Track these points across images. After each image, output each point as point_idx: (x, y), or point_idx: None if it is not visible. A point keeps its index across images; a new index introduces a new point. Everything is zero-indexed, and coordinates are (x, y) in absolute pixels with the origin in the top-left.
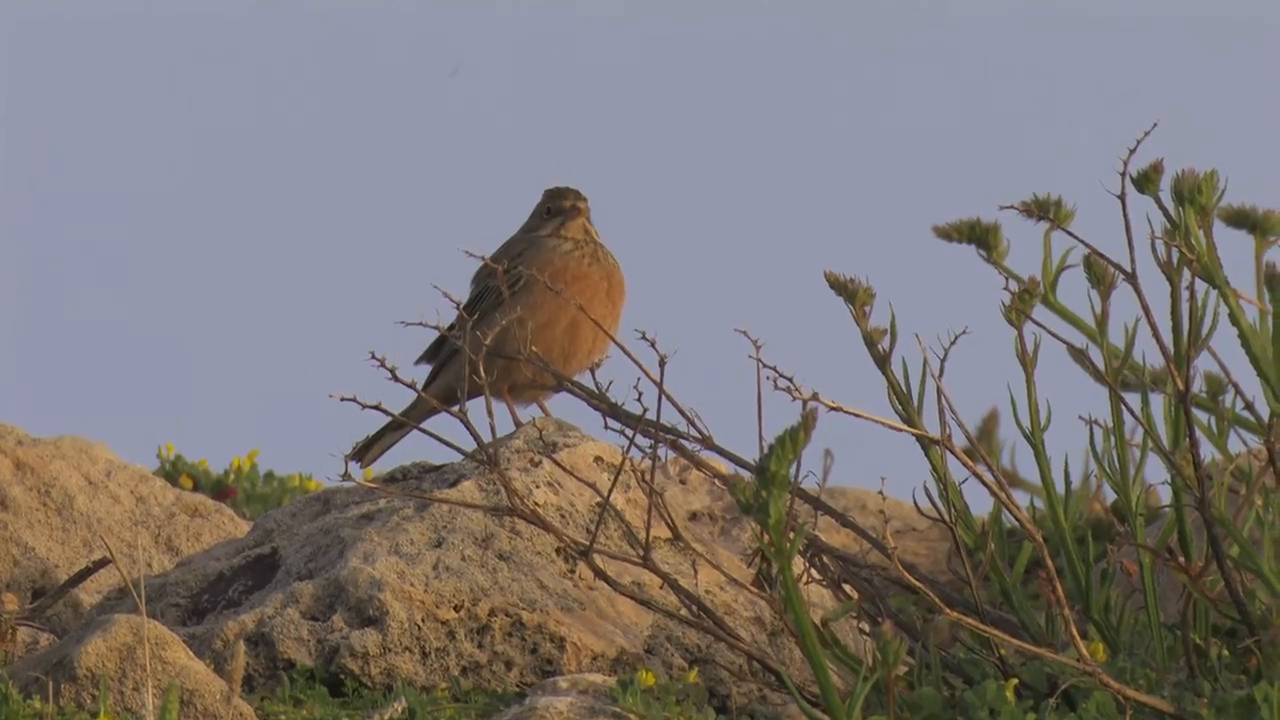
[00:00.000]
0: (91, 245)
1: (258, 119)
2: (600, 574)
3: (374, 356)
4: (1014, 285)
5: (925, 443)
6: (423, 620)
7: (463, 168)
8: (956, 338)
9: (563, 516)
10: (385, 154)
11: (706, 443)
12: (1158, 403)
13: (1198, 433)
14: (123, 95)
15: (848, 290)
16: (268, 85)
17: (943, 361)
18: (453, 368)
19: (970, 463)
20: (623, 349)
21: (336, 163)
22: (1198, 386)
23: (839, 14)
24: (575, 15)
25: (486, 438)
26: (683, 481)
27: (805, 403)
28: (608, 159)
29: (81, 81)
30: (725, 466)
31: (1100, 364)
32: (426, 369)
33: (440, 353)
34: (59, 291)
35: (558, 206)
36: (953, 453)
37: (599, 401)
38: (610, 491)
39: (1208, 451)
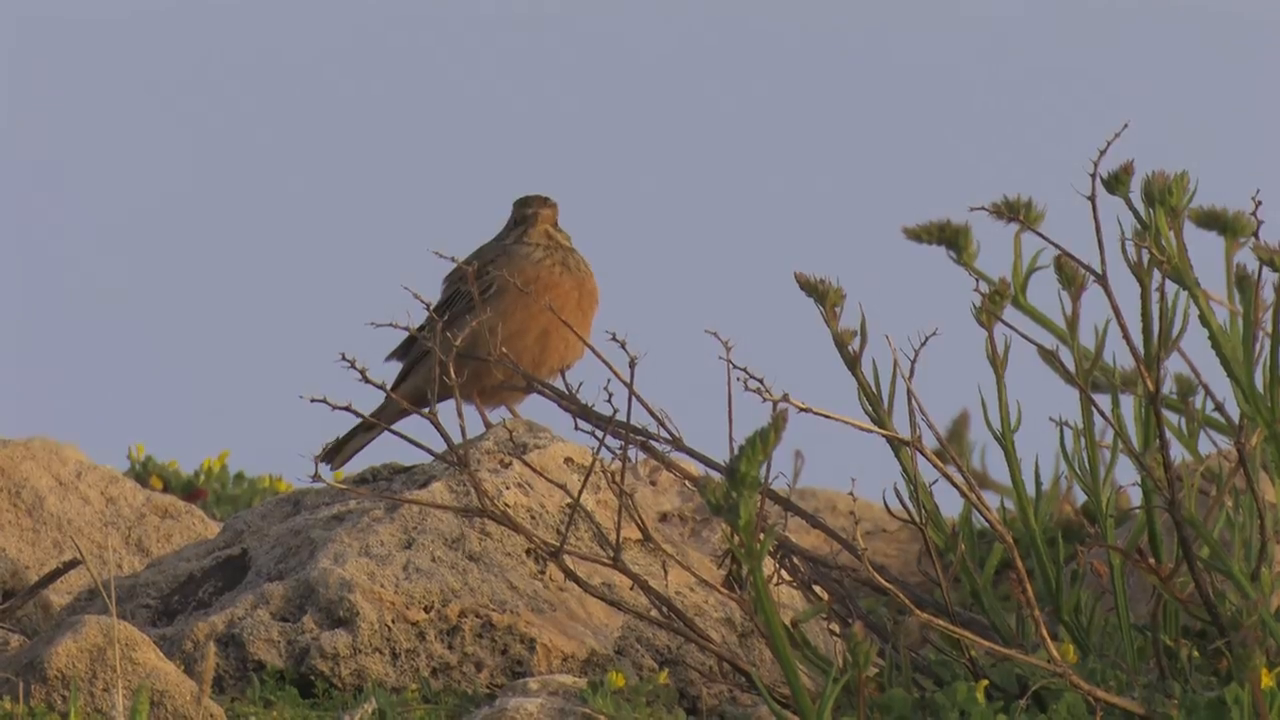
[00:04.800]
0: (62, 248)
1: (226, 125)
2: (570, 575)
3: (344, 358)
4: (984, 287)
5: (896, 444)
6: (393, 621)
7: (434, 169)
8: (927, 339)
9: (533, 518)
10: (355, 155)
11: (677, 444)
12: (1128, 404)
13: (1168, 434)
14: (99, 100)
15: (818, 291)
16: (236, 90)
17: (913, 363)
18: (423, 369)
19: (940, 464)
20: (593, 350)
21: (306, 164)
22: (1168, 388)
23: (810, 12)
24: (545, 18)
25: (457, 439)
26: (653, 483)
27: (775, 404)
28: (578, 161)
29: (59, 86)
30: (695, 468)
31: (1071, 365)
32: (396, 366)
33: (410, 353)
34: (29, 293)
35: (521, 214)
36: (923, 454)
37: (569, 403)
38: (580, 492)
39: (1178, 453)
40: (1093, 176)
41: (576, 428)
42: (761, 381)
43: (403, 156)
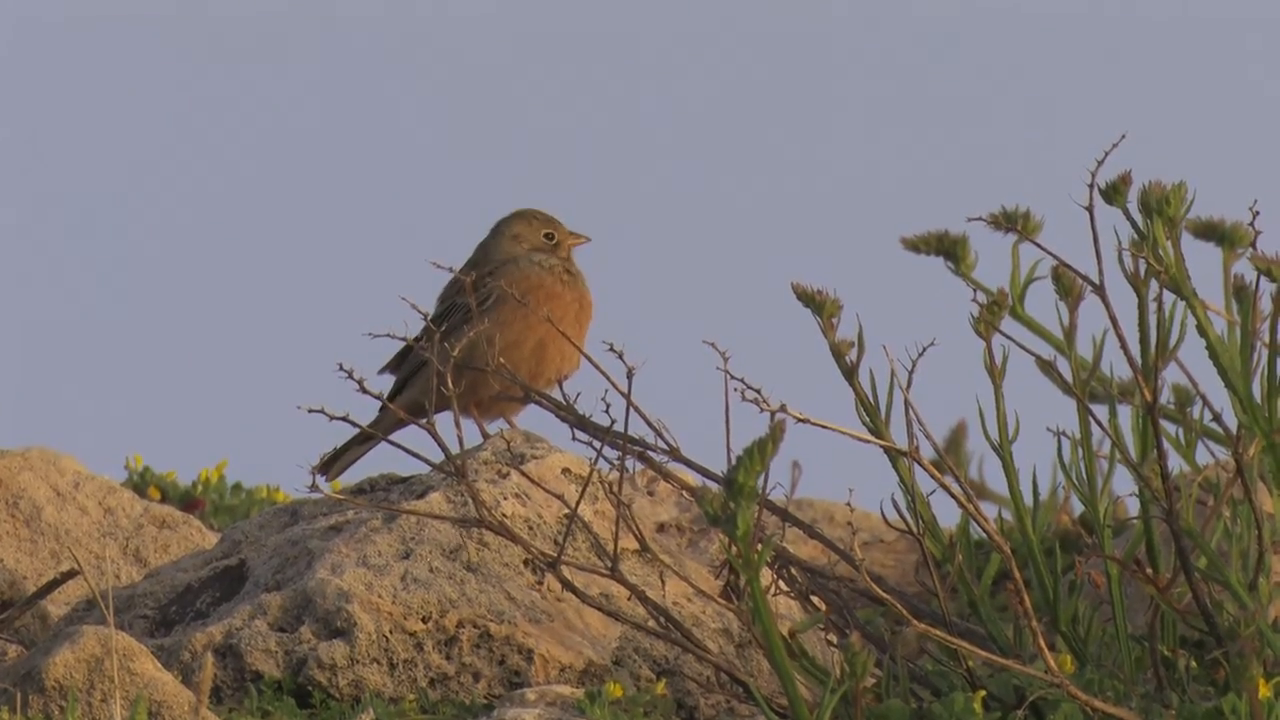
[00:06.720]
0: (59, 257)
1: (221, 134)
2: (568, 585)
3: (342, 368)
4: (982, 297)
5: (893, 454)
6: (390, 632)
7: (427, 181)
8: (924, 349)
9: (530, 528)
10: (351, 165)
11: (674, 454)
12: (1125, 414)
13: (1165, 444)
14: (94, 108)
15: (815, 302)
16: (233, 100)
17: (910, 373)
18: (420, 380)
19: (938, 474)
20: (590, 361)
21: (302, 174)
22: (1165, 398)
23: (808, 19)
24: (534, 27)
25: (454, 449)
26: (650, 493)
27: (773, 414)
28: (573, 168)
29: (57, 92)
30: (693, 478)
31: (1068, 375)
32: (391, 379)
33: (405, 364)
34: (27, 302)
35: (551, 234)
36: (920, 464)
37: (567, 413)
38: (578, 503)
39: (1176, 463)
40: (1090, 187)
41: (574, 438)
42: (759, 392)
43: (397, 165)
